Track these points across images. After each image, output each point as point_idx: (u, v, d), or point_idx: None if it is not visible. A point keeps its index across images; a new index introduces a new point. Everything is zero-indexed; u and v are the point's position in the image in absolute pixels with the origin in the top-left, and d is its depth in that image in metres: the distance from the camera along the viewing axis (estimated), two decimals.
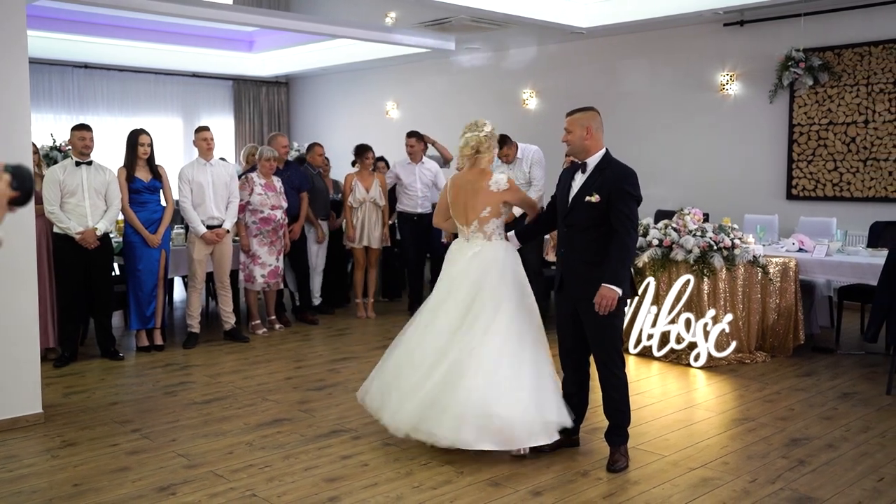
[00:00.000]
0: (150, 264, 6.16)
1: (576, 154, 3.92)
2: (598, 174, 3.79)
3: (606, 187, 3.74)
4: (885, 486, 3.63)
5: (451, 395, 3.81)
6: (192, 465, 3.93)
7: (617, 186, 3.74)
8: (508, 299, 4.00)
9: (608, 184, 3.75)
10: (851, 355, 6.13)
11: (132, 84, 12.34)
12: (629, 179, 3.78)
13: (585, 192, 3.78)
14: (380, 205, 7.46)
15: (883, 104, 7.69)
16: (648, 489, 3.61)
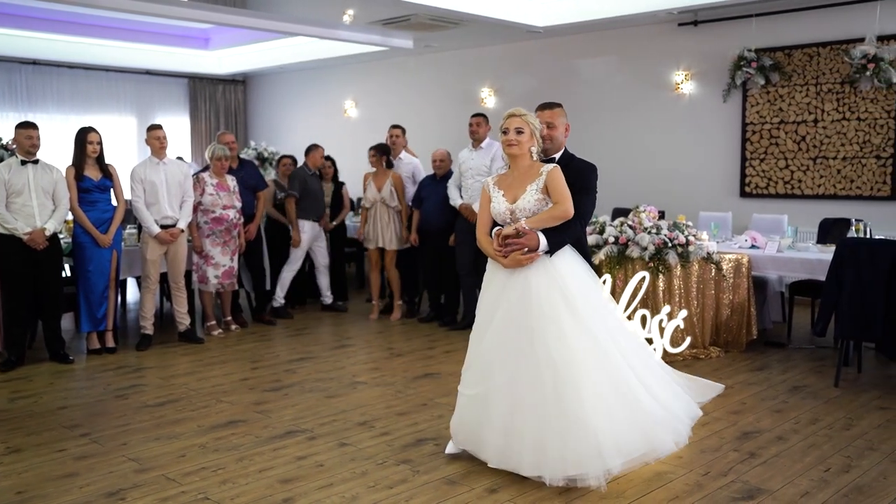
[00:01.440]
0: (101, 265, 6.03)
1: (551, 150, 3.93)
2: (563, 168, 3.82)
3: (570, 180, 3.77)
4: (831, 476, 3.70)
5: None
6: (143, 469, 3.86)
7: (580, 180, 3.79)
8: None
9: (572, 177, 3.78)
10: (802, 349, 6.25)
11: (83, 81, 12.10)
12: (592, 174, 3.87)
13: None
14: (390, 205, 7.30)
15: (831, 104, 7.86)
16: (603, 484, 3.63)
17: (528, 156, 3.77)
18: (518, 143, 3.72)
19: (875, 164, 7.64)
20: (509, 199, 3.75)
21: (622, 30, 9.17)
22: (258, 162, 10.87)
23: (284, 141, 12.88)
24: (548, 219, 3.65)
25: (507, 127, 3.75)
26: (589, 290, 3.73)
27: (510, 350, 3.63)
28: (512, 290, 3.68)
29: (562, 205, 3.65)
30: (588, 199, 3.81)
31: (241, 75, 13.77)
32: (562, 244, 3.69)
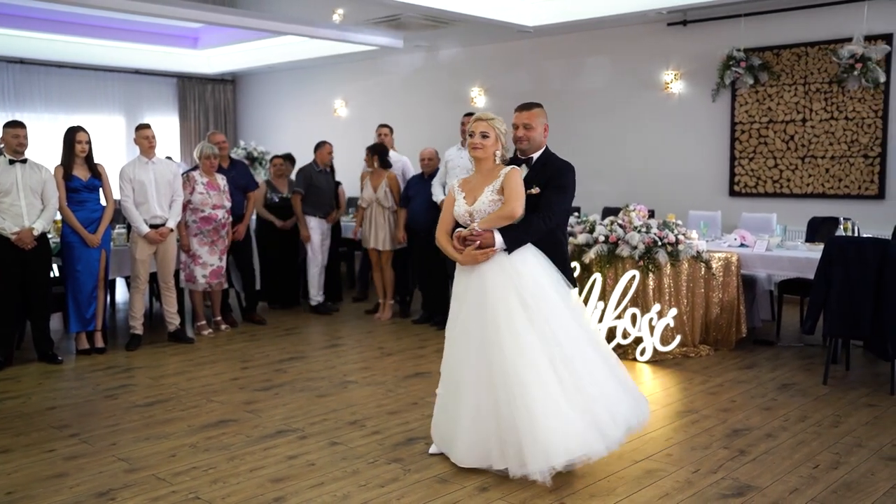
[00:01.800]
0: (90, 265, 6.00)
1: (528, 150, 3.94)
2: (541, 168, 3.86)
3: (545, 179, 3.80)
4: (820, 473, 3.72)
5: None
6: (133, 469, 3.84)
7: (555, 179, 3.81)
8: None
9: (547, 175, 3.81)
10: (791, 347, 6.28)
11: (71, 81, 12.03)
12: (568, 173, 3.87)
13: (527, 186, 3.80)
14: (385, 205, 7.30)
15: (819, 103, 7.90)
16: (594, 482, 3.64)
17: (492, 159, 3.82)
18: (483, 147, 3.77)
19: (863, 164, 7.69)
20: (469, 201, 3.80)
21: (612, 29, 9.19)
22: (248, 162, 10.83)
23: (274, 141, 12.84)
24: (496, 219, 3.69)
25: (472, 130, 3.80)
26: (545, 291, 3.69)
27: (471, 349, 3.69)
28: (472, 290, 3.74)
29: (508, 205, 3.67)
30: (560, 196, 3.80)
31: (231, 75, 13.73)
32: (519, 242, 3.70)
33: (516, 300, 3.63)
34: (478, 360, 3.66)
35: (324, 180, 7.73)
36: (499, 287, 3.67)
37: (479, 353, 3.66)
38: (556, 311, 3.67)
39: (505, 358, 3.58)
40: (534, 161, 3.90)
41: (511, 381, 3.55)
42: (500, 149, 3.82)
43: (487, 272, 3.69)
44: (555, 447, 3.49)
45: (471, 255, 3.68)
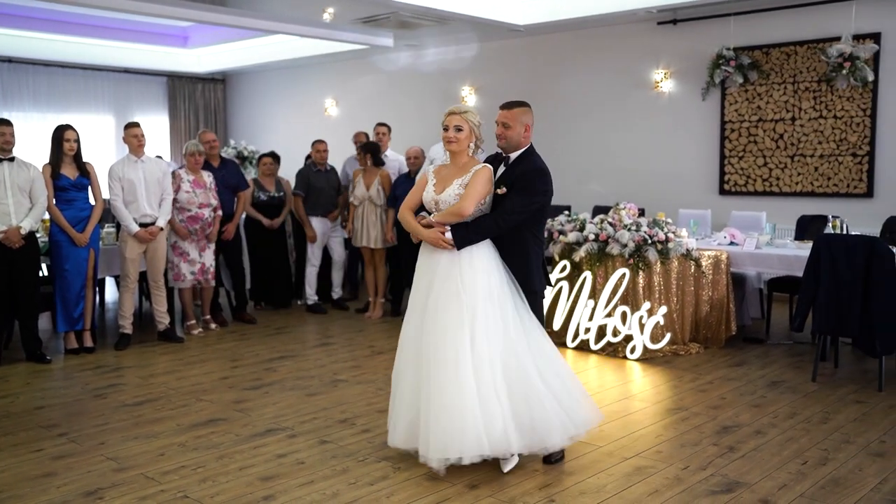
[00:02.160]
0: (78, 264, 5.97)
1: (507, 149, 3.93)
2: (514, 168, 3.85)
3: (512, 179, 3.80)
4: (808, 469, 3.74)
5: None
6: (122, 468, 3.82)
7: (521, 181, 3.78)
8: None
9: (516, 176, 3.81)
10: (781, 345, 6.30)
11: (60, 79, 11.98)
12: (537, 176, 3.82)
13: (500, 185, 3.82)
14: (377, 204, 7.31)
15: (808, 102, 7.93)
16: (583, 479, 3.65)
17: (466, 152, 3.82)
18: (457, 141, 3.78)
19: (851, 162, 7.73)
20: (437, 189, 3.81)
21: (602, 28, 9.21)
22: (238, 161, 10.80)
23: (265, 140, 12.81)
24: (447, 214, 3.71)
25: (447, 124, 3.80)
26: (490, 291, 3.67)
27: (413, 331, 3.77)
28: (423, 278, 3.79)
29: (460, 202, 3.69)
30: (520, 199, 3.75)
31: (221, 74, 13.70)
32: (467, 240, 3.68)
33: (456, 295, 3.64)
34: (416, 342, 3.74)
35: (322, 179, 7.72)
36: (445, 279, 3.69)
37: (417, 337, 3.73)
38: (497, 312, 3.67)
39: (430, 348, 3.64)
40: (511, 160, 3.90)
41: (431, 372, 3.61)
42: (473, 141, 3.83)
43: (439, 262, 3.73)
44: (452, 442, 3.52)
45: (435, 236, 3.68)
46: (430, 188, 3.84)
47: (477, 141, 3.85)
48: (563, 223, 6.38)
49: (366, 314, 7.58)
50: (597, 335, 6.06)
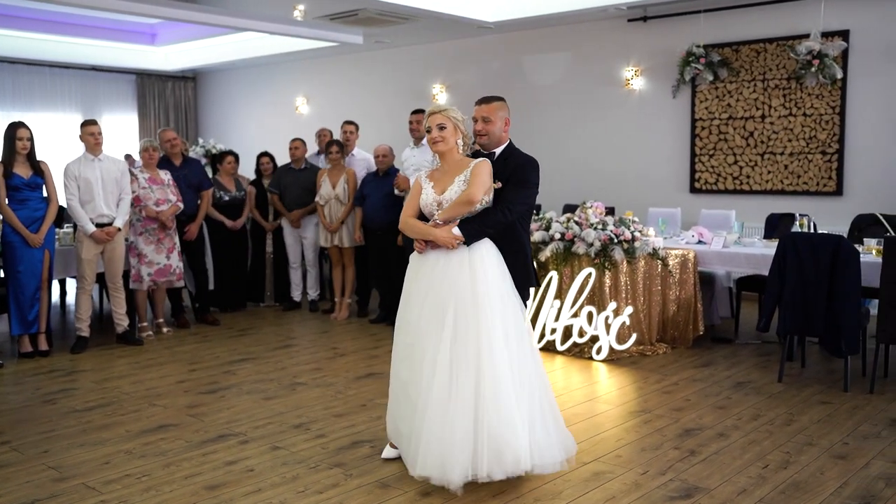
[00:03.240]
0: (32, 266, 5.81)
1: (488, 145, 3.84)
2: (504, 162, 3.75)
3: (507, 174, 3.69)
4: (769, 473, 3.66)
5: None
6: (63, 477, 3.69)
7: (517, 174, 3.70)
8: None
9: (510, 171, 3.71)
10: (749, 345, 6.25)
11: (24, 77, 11.74)
12: (531, 168, 3.76)
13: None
14: (344, 202, 7.20)
15: (778, 99, 7.90)
16: (540, 485, 3.55)
17: (456, 150, 3.69)
18: (443, 139, 3.64)
19: (821, 160, 7.70)
20: (438, 190, 3.66)
21: (572, 25, 9.13)
22: (206, 160, 10.62)
23: (236, 138, 12.64)
24: (456, 205, 3.57)
25: (429, 125, 3.67)
26: (490, 306, 3.50)
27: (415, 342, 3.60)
28: (423, 279, 3.62)
29: (468, 189, 3.54)
30: (520, 191, 3.68)
31: (191, 71, 13.50)
32: (478, 234, 3.57)
33: (453, 306, 3.49)
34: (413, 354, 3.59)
35: (290, 177, 7.60)
36: (445, 286, 3.53)
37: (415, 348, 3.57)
38: (490, 327, 3.48)
39: (431, 363, 3.48)
40: (496, 156, 3.79)
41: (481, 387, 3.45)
42: (460, 137, 3.68)
43: (441, 265, 3.56)
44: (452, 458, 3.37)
45: (447, 234, 3.53)
46: (430, 191, 3.67)
47: (465, 137, 3.71)
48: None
49: (331, 315, 7.46)
50: (563, 336, 5.98)
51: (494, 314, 3.48)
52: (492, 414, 3.40)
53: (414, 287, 3.65)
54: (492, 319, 3.47)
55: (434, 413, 3.42)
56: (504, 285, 3.59)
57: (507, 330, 3.51)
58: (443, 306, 3.49)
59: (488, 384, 3.41)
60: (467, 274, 3.53)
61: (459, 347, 3.45)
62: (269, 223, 7.82)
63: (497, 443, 3.39)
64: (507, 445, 3.40)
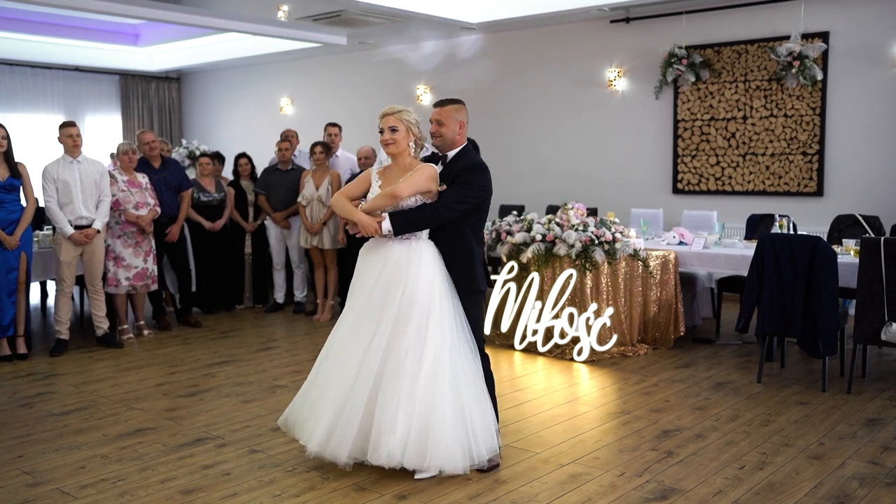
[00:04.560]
0: (8, 268, 5.75)
1: (442, 147, 3.83)
2: (452, 165, 3.77)
3: (452, 175, 3.72)
4: (745, 474, 3.68)
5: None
6: (37, 482, 3.65)
7: (461, 175, 3.71)
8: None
9: (455, 172, 3.72)
10: (729, 345, 6.27)
11: (7, 77, 11.67)
12: (475, 171, 3.74)
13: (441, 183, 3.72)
14: (326, 203, 7.17)
15: (759, 100, 7.93)
16: (516, 488, 3.55)
17: (407, 152, 3.72)
18: (394, 142, 3.67)
19: (802, 161, 7.74)
20: (382, 188, 3.71)
21: (555, 26, 9.15)
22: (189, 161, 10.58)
23: (221, 139, 12.60)
24: (380, 196, 3.65)
25: (381, 127, 3.71)
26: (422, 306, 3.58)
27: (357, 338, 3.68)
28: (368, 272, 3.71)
29: (396, 185, 3.62)
30: (459, 191, 3.68)
31: (175, 72, 13.44)
32: (405, 226, 3.62)
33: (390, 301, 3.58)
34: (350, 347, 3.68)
35: (277, 178, 7.58)
36: (383, 281, 3.62)
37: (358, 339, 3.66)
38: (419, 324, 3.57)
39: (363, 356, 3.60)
40: (449, 159, 3.80)
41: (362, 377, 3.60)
42: (412, 140, 3.71)
43: (384, 262, 3.64)
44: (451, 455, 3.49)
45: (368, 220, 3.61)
46: (375, 188, 3.73)
47: (417, 140, 3.74)
48: (510, 223, 6.30)
49: (314, 316, 7.44)
50: (544, 337, 5.98)
51: (427, 312, 3.56)
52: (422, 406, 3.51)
53: (359, 281, 3.73)
54: (424, 317, 3.55)
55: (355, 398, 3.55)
56: (441, 285, 3.64)
57: (441, 328, 3.57)
58: (381, 301, 3.59)
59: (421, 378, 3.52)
60: (405, 272, 3.60)
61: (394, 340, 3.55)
62: (248, 224, 7.79)
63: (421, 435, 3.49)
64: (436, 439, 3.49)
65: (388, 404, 3.50)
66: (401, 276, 3.60)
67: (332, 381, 3.65)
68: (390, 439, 3.46)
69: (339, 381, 3.61)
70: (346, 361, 3.63)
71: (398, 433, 3.46)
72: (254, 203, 7.81)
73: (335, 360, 3.70)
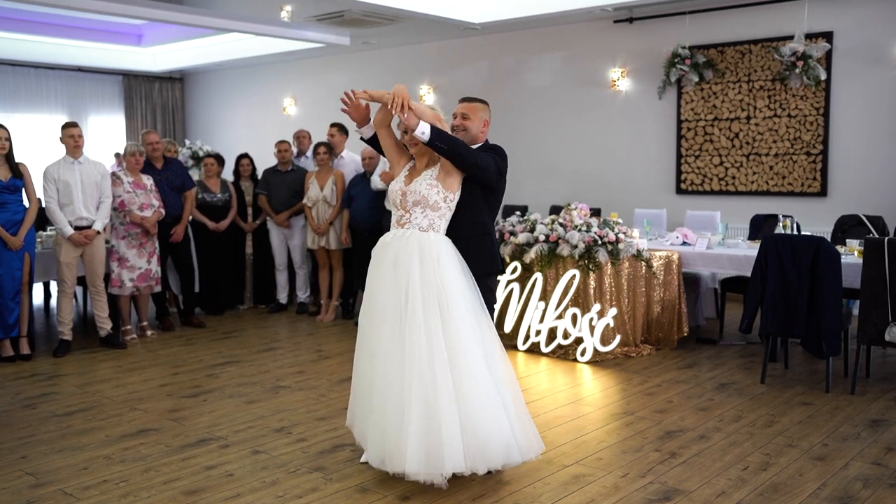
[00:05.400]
0: (12, 269, 5.76)
1: (465, 141, 3.84)
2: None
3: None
4: (748, 475, 3.67)
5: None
6: (39, 483, 3.66)
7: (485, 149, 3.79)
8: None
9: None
10: (733, 346, 6.26)
11: (10, 78, 11.67)
12: (497, 152, 3.81)
13: None
14: (331, 204, 7.18)
15: (763, 101, 7.92)
16: (519, 489, 3.54)
17: (431, 151, 3.69)
18: (417, 144, 3.65)
19: (805, 161, 7.72)
20: (407, 181, 3.70)
21: (558, 27, 9.14)
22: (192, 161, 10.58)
23: (224, 139, 12.61)
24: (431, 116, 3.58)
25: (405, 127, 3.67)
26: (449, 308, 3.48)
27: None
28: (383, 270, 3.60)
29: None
30: (486, 154, 3.72)
31: (179, 72, 13.45)
32: (442, 137, 3.51)
33: (410, 301, 3.47)
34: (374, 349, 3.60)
35: (279, 180, 7.58)
36: (402, 281, 3.51)
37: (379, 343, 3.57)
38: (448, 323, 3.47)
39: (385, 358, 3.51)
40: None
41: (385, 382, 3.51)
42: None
43: (400, 260, 3.54)
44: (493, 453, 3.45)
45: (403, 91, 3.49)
46: (401, 179, 3.72)
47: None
48: (514, 224, 6.29)
49: (317, 317, 7.44)
50: (547, 338, 5.98)
51: (460, 311, 3.48)
52: (474, 408, 3.40)
53: (374, 282, 3.65)
54: (457, 316, 3.47)
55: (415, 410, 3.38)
56: (462, 281, 3.57)
57: (473, 326, 3.51)
58: (413, 301, 3.47)
59: (465, 380, 3.41)
60: (433, 269, 3.51)
61: (435, 343, 3.42)
62: (248, 224, 7.78)
63: (478, 438, 3.39)
64: (491, 439, 3.40)
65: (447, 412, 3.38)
66: (438, 277, 3.49)
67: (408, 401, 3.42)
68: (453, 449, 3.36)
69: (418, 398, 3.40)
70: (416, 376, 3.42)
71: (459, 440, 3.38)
72: (252, 203, 7.81)
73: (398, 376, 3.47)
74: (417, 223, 3.60)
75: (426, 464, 3.36)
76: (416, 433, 3.36)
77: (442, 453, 3.34)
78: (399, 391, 3.43)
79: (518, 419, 3.53)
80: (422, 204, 3.59)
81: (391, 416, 3.44)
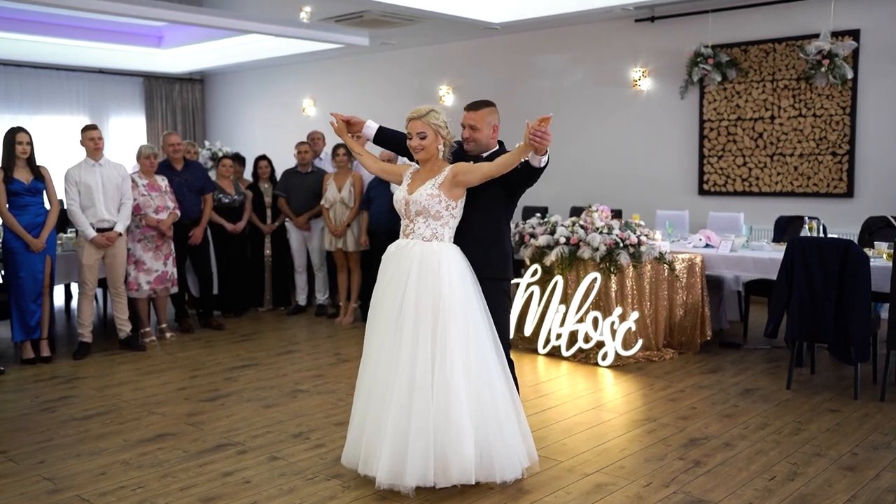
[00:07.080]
0: (34, 271, 5.78)
1: (476, 152, 3.79)
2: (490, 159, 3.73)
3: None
4: (775, 485, 3.58)
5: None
6: (57, 489, 3.64)
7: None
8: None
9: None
10: (757, 350, 6.15)
11: (32, 80, 11.73)
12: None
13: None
14: (349, 206, 7.15)
15: (787, 100, 7.78)
16: (540, 498, 3.48)
17: (437, 155, 3.65)
18: (424, 148, 3.60)
19: (831, 161, 7.58)
20: (410, 190, 3.65)
21: (579, 26, 9.05)
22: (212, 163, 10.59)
23: (243, 140, 12.62)
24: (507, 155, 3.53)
25: (409, 132, 3.63)
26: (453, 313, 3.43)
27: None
28: (388, 275, 3.60)
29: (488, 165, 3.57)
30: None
31: (199, 74, 13.49)
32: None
33: (415, 310, 3.44)
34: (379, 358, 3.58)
35: (298, 181, 7.56)
36: (409, 289, 3.47)
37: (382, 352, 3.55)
38: (446, 334, 3.42)
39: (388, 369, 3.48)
40: (483, 159, 3.75)
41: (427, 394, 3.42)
42: (441, 143, 3.63)
43: (407, 268, 3.50)
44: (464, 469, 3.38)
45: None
46: (404, 187, 3.69)
47: (446, 142, 3.66)
48: (534, 226, 6.22)
49: (336, 319, 7.41)
50: (568, 341, 5.90)
51: (453, 321, 3.42)
52: (440, 422, 3.37)
53: (377, 291, 3.65)
54: (449, 326, 3.42)
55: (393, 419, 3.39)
56: (468, 292, 3.52)
57: (467, 337, 3.44)
58: (406, 309, 3.45)
59: (440, 392, 3.38)
60: (432, 279, 3.47)
61: (420, 351, 3.41)
62: (266, 226, 7.77)
63: (443, 451, 3.36)
64: (454, 455, 3.36)
65: (451, 423, 3.35)
66: (435, 286, 3.45)
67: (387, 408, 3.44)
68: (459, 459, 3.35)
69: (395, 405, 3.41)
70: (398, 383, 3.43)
71: (467, 452, 3.35)
72: (271, 205, 7.79)
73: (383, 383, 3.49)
74: (421, 233, 3.59)
75: (391, 474, 3.37)
76: (388, 443, 3.38)
77: (405, 468, 3.35)
78: (381, 400, 3.45)
79: (501, 434, 3.44)
80: (424, 214, 3.57)
81: (372, 421, 3.47)
